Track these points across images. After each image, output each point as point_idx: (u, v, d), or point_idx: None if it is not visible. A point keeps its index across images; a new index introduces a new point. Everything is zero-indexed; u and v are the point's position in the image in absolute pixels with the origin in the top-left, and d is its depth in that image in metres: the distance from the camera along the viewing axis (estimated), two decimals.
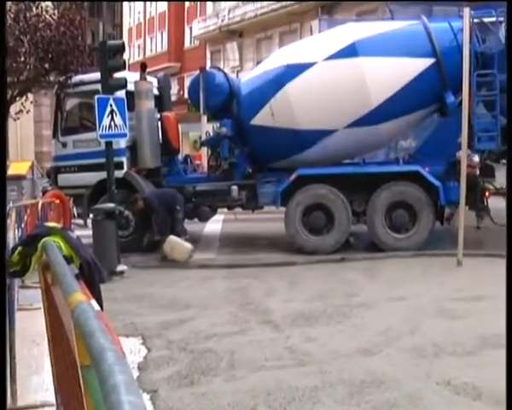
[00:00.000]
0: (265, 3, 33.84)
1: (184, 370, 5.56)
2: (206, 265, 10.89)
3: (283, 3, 32.37)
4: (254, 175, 12.50)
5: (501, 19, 11.47)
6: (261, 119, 11.84)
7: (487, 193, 11.84)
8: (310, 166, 11.77)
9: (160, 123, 12.88)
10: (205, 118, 13.99)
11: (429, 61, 11.32)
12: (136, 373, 5.50)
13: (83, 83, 12.91)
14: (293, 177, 11.68)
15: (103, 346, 1.42)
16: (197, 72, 12.78)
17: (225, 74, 13.09)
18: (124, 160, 12.44)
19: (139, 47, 50.44)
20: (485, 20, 11.46)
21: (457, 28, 10.86)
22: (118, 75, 10.66)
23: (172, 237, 11.04)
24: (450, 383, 5.05)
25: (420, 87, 11.24)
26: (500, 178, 16.90)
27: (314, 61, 11.50)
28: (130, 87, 11.86)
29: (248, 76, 13.10)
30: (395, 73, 11.20)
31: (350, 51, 11.33)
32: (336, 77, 11.27)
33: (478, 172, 12.00)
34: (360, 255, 11.17)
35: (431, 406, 4.67)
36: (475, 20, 11.25)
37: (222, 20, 38.16)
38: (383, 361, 5.64)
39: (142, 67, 12.82)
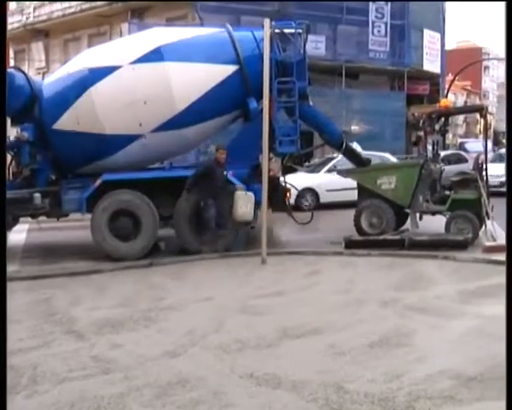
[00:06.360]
0: (73, 3, 32.41)
1: None
2: (8, 277, 10.21)
3: (92, 4, 31.24)
4: (58, 181, 12.02)
5: (300, 30, 12.21)
6: (64, 123, 11.42)
7: (288, 194, 12.46)
8: (116, 172, 11.60)
9: None
10: (8, 121, 13.19)
11: (233, 68, 11.65)
12: None
13: None
14: (97, 182, 11.39)
15: None
16: None
17: (26, 75, 12.41)
18: None
19: None
20: (286, 31, 12.10)
21: (260, 37, 11.24)
22: None
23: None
24: (252, 375, 5.26)
25: (224, 93, 11.52)
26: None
27: (119, 65, 11.33)
28: None
29: (51, 78, 12.56)
30: (199, 78, 11.37)
31: (155, 56, 11.33)
32: (141, 81, 11.19)
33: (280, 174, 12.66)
34: (168, 259, 11.16)
35: (234, 399, 4.81)
36: (276, 31, 11.83)
37: (27, 18, 35.98)
38: (188, 361, 5.72)
39: None
